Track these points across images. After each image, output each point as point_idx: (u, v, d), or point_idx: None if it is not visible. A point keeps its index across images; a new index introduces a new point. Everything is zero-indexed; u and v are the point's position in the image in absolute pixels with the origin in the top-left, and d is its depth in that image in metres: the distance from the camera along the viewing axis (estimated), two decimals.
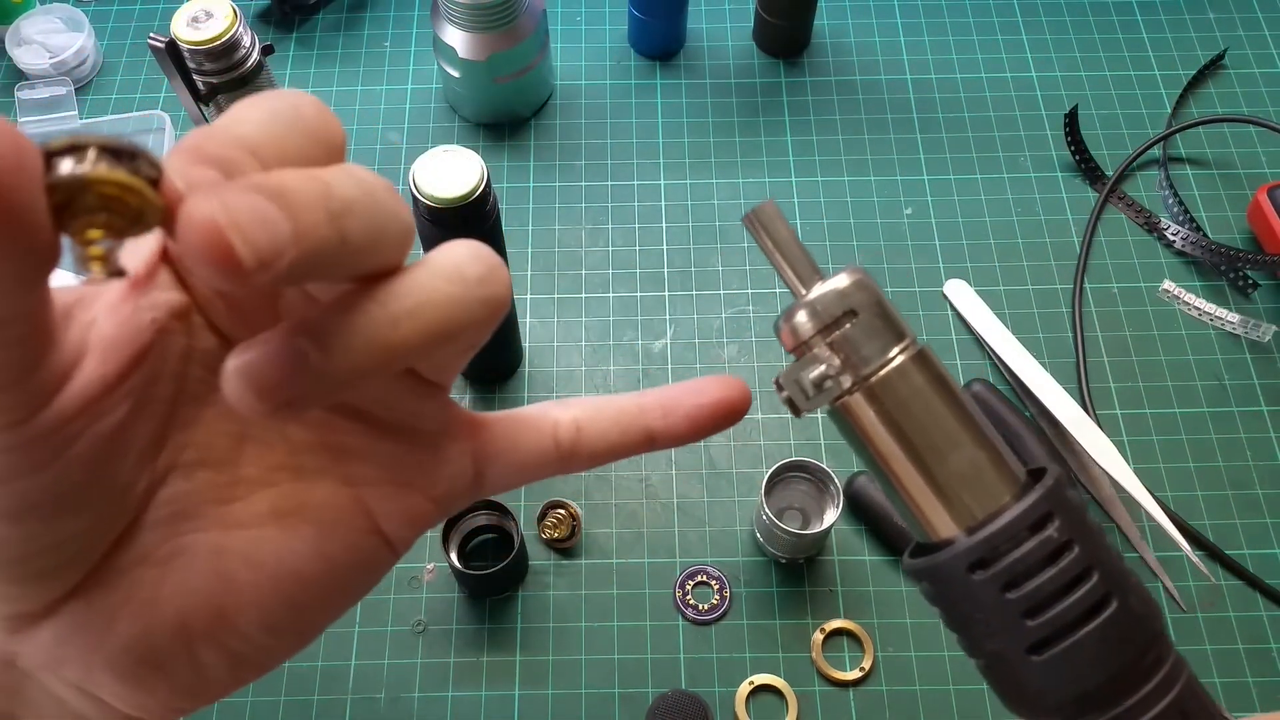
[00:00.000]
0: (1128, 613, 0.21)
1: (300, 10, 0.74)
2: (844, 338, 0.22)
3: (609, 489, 0.58)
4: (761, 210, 0.23)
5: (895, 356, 0.22)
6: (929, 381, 0.22)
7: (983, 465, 0.22)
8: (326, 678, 0.53)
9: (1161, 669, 0.21)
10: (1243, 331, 0.62)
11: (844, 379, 0.22)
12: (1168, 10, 0.76)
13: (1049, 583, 0.21)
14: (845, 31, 0.75)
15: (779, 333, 0.23)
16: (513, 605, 0.55)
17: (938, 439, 0.22)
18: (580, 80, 0.73)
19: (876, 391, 0.22)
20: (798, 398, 0.22)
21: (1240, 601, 0.55)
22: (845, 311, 0.22)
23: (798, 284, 0.23)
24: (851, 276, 0.22)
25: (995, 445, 0.22)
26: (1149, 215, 0.66)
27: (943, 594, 0.22)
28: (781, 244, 0.23)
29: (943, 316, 0.63)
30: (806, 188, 0.68)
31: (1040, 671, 0.21)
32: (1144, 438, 0.59)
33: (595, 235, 0.66)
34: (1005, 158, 0.69)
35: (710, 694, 0.52)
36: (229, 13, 0.56)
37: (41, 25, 0.71)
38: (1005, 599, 0.21)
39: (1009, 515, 0.21)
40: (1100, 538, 0.22)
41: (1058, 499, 0.21)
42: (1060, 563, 0.21)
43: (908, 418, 0.22)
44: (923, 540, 0.23)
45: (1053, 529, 0.21)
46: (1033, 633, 0.21)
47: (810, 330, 0.22)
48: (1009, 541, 0.21)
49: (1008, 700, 0.22)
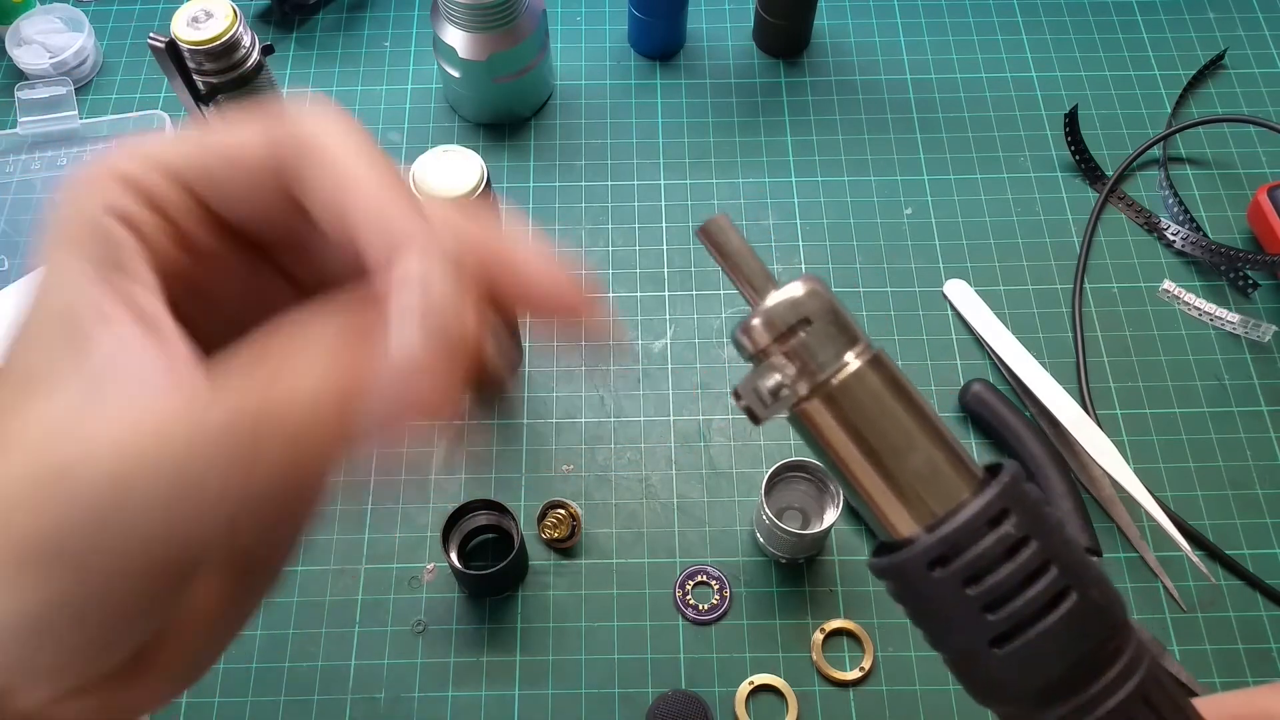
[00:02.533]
0: (1088, 604, 0.21)
1: (300, 10, 0.74)
2: (799, 345, 0.22)
3: (609, 489, 0.58)
4: (713, 223, 0.24)
5: (850, 362, 0.22)
6: (884, 384, 0.22)
7: (940, 464, 0.22)
8: (326, 677, 0.53)
9: (1123, 657, 0.22)
10: (1243, 331, 0.62)
11: (800, 386, 0.22)
12: (1168, 10, 0.76)
13: (1008, 577, 0.21)
14: (845, 32, 0.75)
15: (736, 343, 0.23)
16: (513, 605, 0.55)
17: (895, 440, 0.22)
18: (580, 80, 0.73)
19: (833, 396, 0.22)
20: (756, 407, 0.22)
21: (1240, 601, 0.55)
22: (799, 319, 0.22)
23: (753, 294, 0.23)
24: (805, 285, 0.23)
25: (951, 444, 0.23)
26: (1149, 215, 0.66)
27: (905, 592, 0.22)
28: (734, 255, 0.24)
29: (943, 316, 0.63)
30: (806, 188, 0.68)
31: (1003, 664, 0.21)
32: (1144, 438, 0.59)
33: (595, 235, 0.66)
34: (1005, 158, 0.69)
35: (710, 694, 0.52)
36: (229, 13, 0.56)
37: (41, 25, 0.71)
38: (966, 594, 0.21)
39: (966, 513, 0.21)
40: (1058, 531, 0.22)
41: (1014, 495, 0.22)
42: (1018, 557, 0.21)
43: (864, 421, 0.22)
44: (885, 540, 0.23)
45: (1009, 524, 0.21)
46: (994, 626, 0.21)
47: (766, 339, 0.23)
48: (967, 538, 0.21)
49: (973, 692, 0.23)
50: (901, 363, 0.61)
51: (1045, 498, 0.23)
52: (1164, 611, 0.54)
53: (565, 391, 0.61)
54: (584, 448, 0.59)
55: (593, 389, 0.61)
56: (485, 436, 0.59)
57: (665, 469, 0.58)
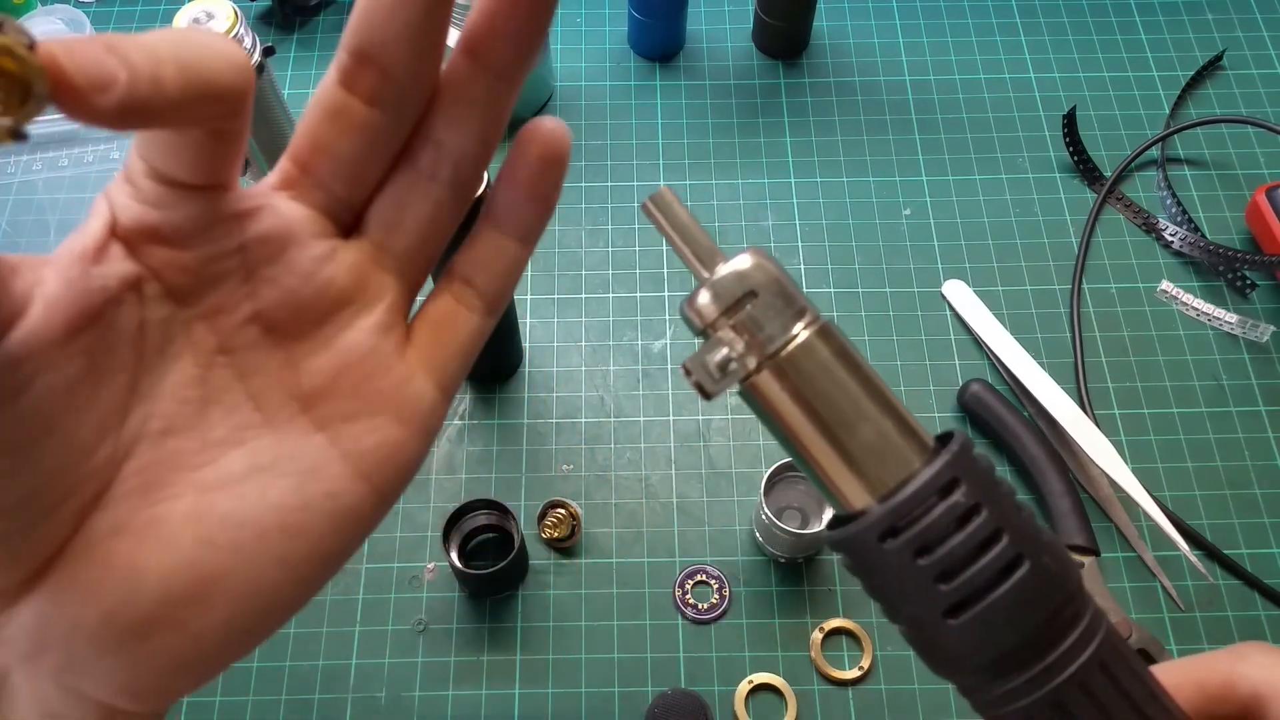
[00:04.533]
0: (1041, 571, 0.21)
1: (301, 11, 0.75)
2: (746, 318, 0.22)
3: (609, 489, 0.58)
4: (658, 196, 0.24)
5: (798, 333, 0.22)
6: (833, 355, 0.22)
7: (890, 434, 0.22)
8: (327, 676, 0.53)
9: (1079, 626, 0.22)
10: (1241, 332, 0.62)
11: (749, 359, 0.22)
12: (1166, 11, 0.76)
13: (959, 547, 0.21)
14: (844, 33, 0.75)
15: (684, 317, 0.23)
16: (513, 605, 0.55)
17: (845, 411, 0.22)
18: (580, 81, 0.73)
19: (782, 368, 0.22)
20: (705, 381, 0.22)
21: (1238, 601, 0.55)
22: (746, 292, 0.22)
23: (699, 267, 0.23)
24: (751, 257, 0.23)
25: (902, 414, 0.22)
26: (1147, 216, 0.67)
27: (859, 564, 0.22)
28: (680, 228, 0.24)
29: (941, 317, 0.63)
30: (805, 189, 0.68)
31: (957, 634, 0.21)
32: (1142, 438, 0.59)
33: (595, 235, 0.66)
34: (1004, 159, 0.69)
35: (710, 693, 0.52)
36: (230, 14, 0.57)
37: (43, 26, 0.72)
38: (918, 565, 0.21)
39: (915, 483, 0.21)
40: (1009, 499, 0.22)
41: (964, 464, 0.22)
42: (969, 526, 0.21)
43: (814, 392, 0.22)
44: (839, 512, 0.23)
45: (960, 494, 0.21)
46: (947, 597, 0.21)
47: (713, 313, 0.23)
48: (917, 508, 0.21)
49: (929, 664, 0.23)
50: (900, 363, 0.62)
51: (993, 465, 0.23)
52: (1162, 611, 0.54)
53: (565, 391, 0.61)
54: (584, 448, 0.59)
55: (593, 389, 0.61)
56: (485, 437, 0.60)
57: (665, 469, 0.58)
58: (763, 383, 0.22)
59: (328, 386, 0.23)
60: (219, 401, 0.23)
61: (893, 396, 0.23)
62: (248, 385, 0.23)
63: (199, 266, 0.22)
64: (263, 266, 0.23)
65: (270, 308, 0.23)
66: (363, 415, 0.23)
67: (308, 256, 0.23)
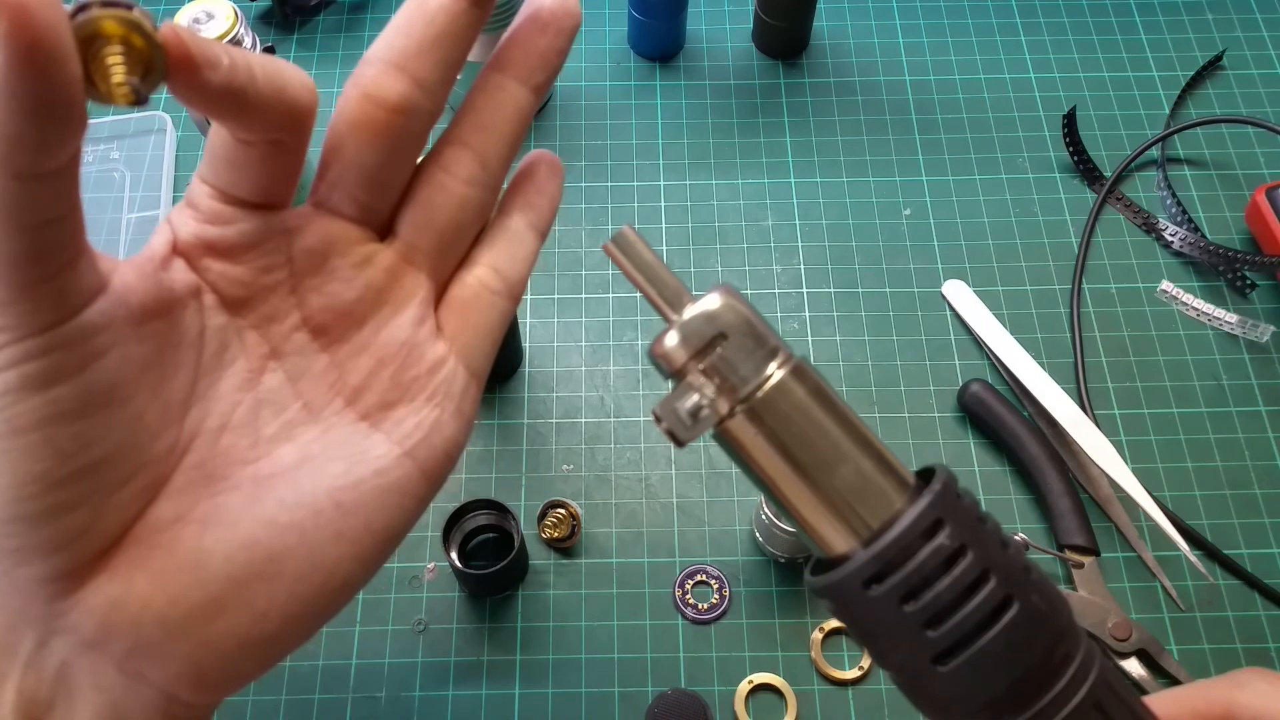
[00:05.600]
0: (1031, 611, 0.21)
1: (301, 11, 0.75)
2: (717, 360, 0.21)
3: (609, 489, 0.58)
4: (620, 237, 0.23)
5: (771, 374, 0.21)
6: (808, 394, 0.21)
7: (870, 474, 0.21)
8: (327, 676, 0.53)
9: (1071, 665, 0.21)
10: (1241, 332, 0.62)
11: (721, 404, 0.21)
12: (1166, 11, 0.76)
13: (946, 591, 0.20)
14: (844, 33, 0.75)
15: (653, 361, 0.23)
16: (513, 605, 0.55)
17: (823, 452, 0.21)
18: (580, 81, 0.73)
19: (756, 411, 0.21)
20: (678, 429, 0.21)
21: (1238, 601, 0.55)
22: (716, 334, 0.22)
23: (666, 309, 0.23)
24: (720, 297, 0.22)
25: (881, 451, 0.22)
26: (1147, 216, 0.67)
27: (844, 611, 0.22)
28: (645, 268, 0.23)
29: (941, 317, 0.63)
30: (805, 189, 0.68)
31: (947, 681, 0.20)
32: (1142, 438, 0.59)
33: (595, 236, 0.66)
34: (1004, 159, 0.69)
35: (710, 693, 0.52)
36: (230, 14, 0.57)
37: None
38: (904, 612, 0.20)
39: (899, 526, 0.20)
40: (995, 536, 0.21)
41: (948, 504, 0.21)
42: (955, 569, 0.20)
43: (790, 434, 0.21)
44: (821, 556, 0.22)
45: (945, 535, 0.20)
46: (935, 643, 0.20)
47: (683, 356, 0.22)
48: (901, 553, 0.20)
49: (921, 709, 0.22)
50: (900, 363, 0.62)
51: (977, 502, 0.22)
52: (1162, 611, 0.54)
53: (565, 391, 0.61)
54: (584, 448, 0.59)
55: (593, 389, 0.61)
56: (485, 437, 0.60)
57: (665, 469, 0.58)
58: (737, 427, 0.21)
59: (368, 380, 0.25)
60: (271, 402, 0.25)
61: (870, 434, 0.22)
62: (296, 386, 0.25)
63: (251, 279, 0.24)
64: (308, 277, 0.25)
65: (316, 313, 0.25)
66: (402, 401, 0.25)
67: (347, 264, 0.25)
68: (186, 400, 0.23)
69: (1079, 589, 0.53)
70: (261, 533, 0.23)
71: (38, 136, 0.17)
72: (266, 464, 0.24)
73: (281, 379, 0.25)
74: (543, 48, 0.26)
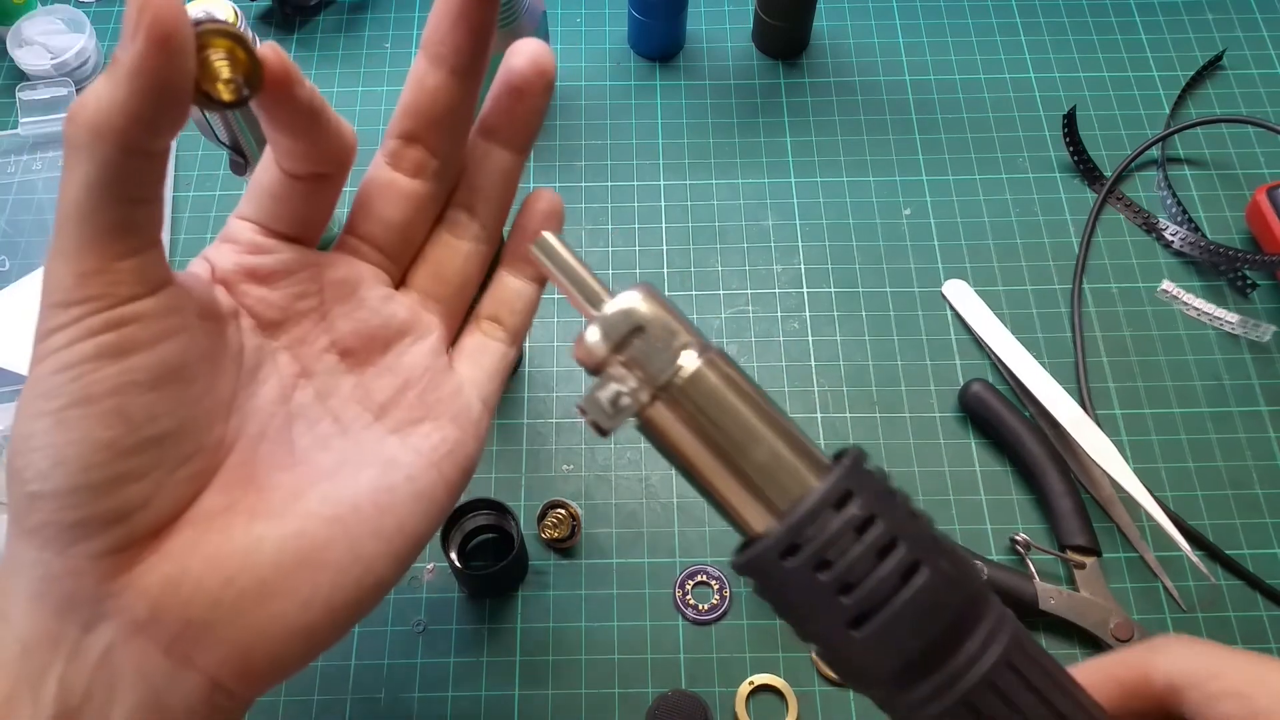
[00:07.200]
0: (940, 576, 0.21)
1: (301, 11, 0.75)
2: (636, 353, 0.23)
3: (609, 489, 0.58)
4: (541, 241, 0.25)
5: (687, 363, 0.23)
6: (722, 381, 0.23)
7: (784, 455, 0.22)
8: (326, 677, 0.53)
9: (983, 626, 0.22)
10: (1242, 332, 0.62)
11: (641, 393, 0.23)
12: (1166, 11, 0.76)
13: (857, 558, 0.21)
14: (844, 33, 0.75)
15: (577, 359, 0.24)
16: (513, 605, 0.55)
17: (738, 436, 0.22)
18: (580, 81, 0.73)
19: (674, 398, 0.22)
20: (600, 419, 0.23)
21: (1240, 601, 0.55)
22: (634, 328, 0.23)
23: (586, 307, 0.24)
24: (636, 293, 0.23)
25: (795, 434, 0.23)
26: (1147, 216, 0.67)
27: (765, 586, 0.22)
28: (566, 270, 0.25)
29: (942, 317, 0.63)
30: (806, 188, 0.68)
31: (863, 646, 0.21)
32: (1143, 438, 0.59)
33: (595, 235, 0.66)
34: (1004, 159, 0.69)
35: (710, 694, 0.52)
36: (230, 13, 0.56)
37: (43, 26, 0.72)
38: (819, 580, 0.21)
39: (810, 499, 0.21)
40: (905, 507, 0.22)
41: (857, 476, 0.22)
42: (866, 537, 0.21)
43: (707, 420, 0.22)
44: (743, 538, 0.23)
45: (855, 505, 0.21)
46: (849, 609, 0.21)
47: (604, 350, 0.23)
48: (814, 524, 0.21)
49: (843, 678, 0.23)
50: (901, 363, 0.61)
51: (888, 476, 0.23)
52: (1164, 611, 0.54)
53: (565, 391, 0.61)
54: (584, 448, 0.59)
55: None
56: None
57: (665, 469, 0.58)
58: (657, 415, 0.23)
59: (395, 399, 0.28)
60: (303, 417, 0.27)
61: (785, 418, 0.23)
62: (327, 403, 0.27)
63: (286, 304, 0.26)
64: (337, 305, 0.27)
65: (344, 337, 0.27)
66: (426, 419, 0.28)
67: (374, 296, 0.28)
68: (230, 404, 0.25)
69: (1081, 589, 0.53)
70: (308, 523, 0.24)
71: (153, 115, 0.20)
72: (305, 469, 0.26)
73: (312, 396, 0.27)
74: (520, 114, 0.28)
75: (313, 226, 0.27)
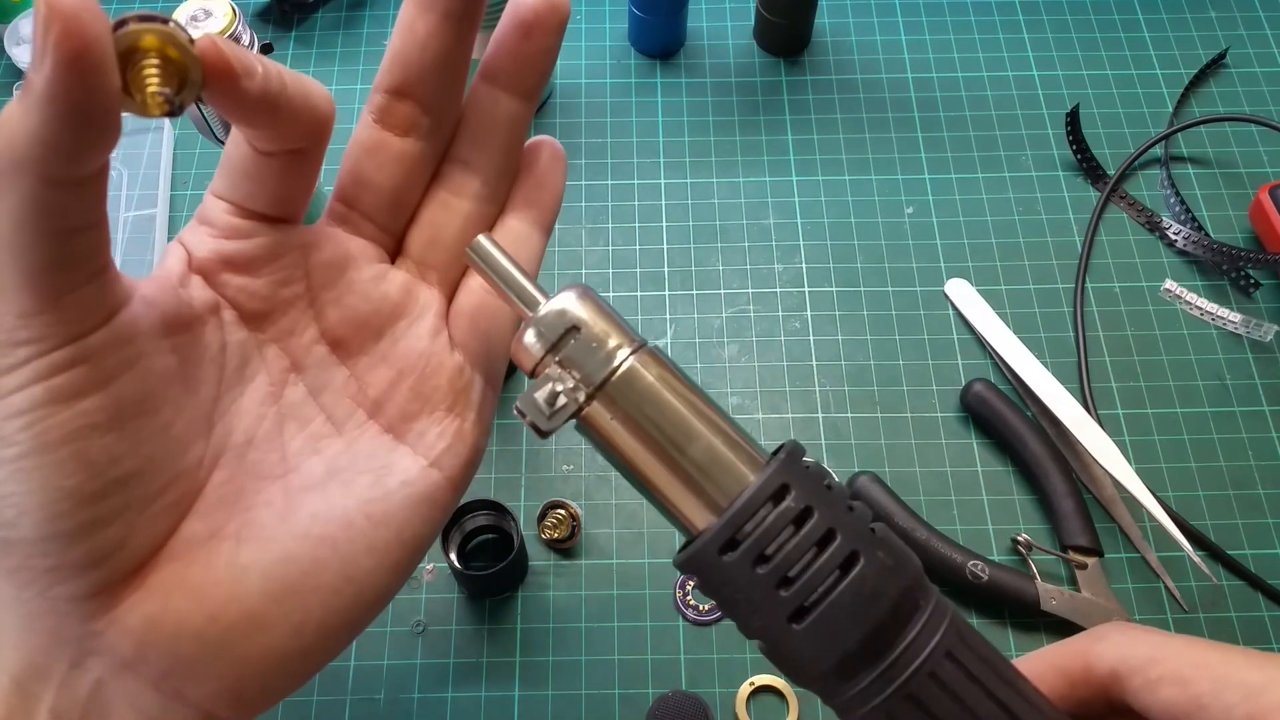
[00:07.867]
0: (877, 566, 0.21)
1: (300, 9, 0.74)
2: (571, 353, 0.23)
3: (609, 489, 0.58)
4: (476, 244, 0.24)
5: (622, 361, 0.23)
6: (657, 379, 0.23)
7: (721, 452, 0.22)
8: (325, 678, 0.53)
9: (921, 617, 0.22)
10: (1245, 331, 0.62)
11: (578, 393, 0.23)
12: (1169, 9, 0.75)
13: (795, 551, 0.21)
14: (846, 30, 0.75)
15: (514, 359, 0.24)
16: (512, 606, 0.55)
17: (674, 433, 0.22)
18: (580, 79, 0.72)
19: (610, 397, 0.22)
20: (538, 419, 0.23)
21: (1242, 602, 0.54)
22: (569, 328, 0.23)
23: (522, 308, 0.24)
24: (571, 293, 0.23)
25: (730, 431, 0.23)
26: (1151, 214, 0.66)
27: (707, 582, 0.22)
28: (501, 273, 0.24)
29: (944, 316, 0.63)
30: (807, 187, 0.68)
31: (802, 639, 0.21)
32: (1146, 437, 0.59)
33: (595, 235, 0.66)
34: (1007, 157, 0.69)
35: (711, 695, 0.52)
36: (228, 11, 0.56)
37: None
38: (757, 574, 0.21)
39: (747, 493, 0.22)
40: (841, 501, 0.22)
41: (793, 470, 0.22)
42: (802, 529, 0.21)
43: (643, 417, 0.22)
44: (685, 536, 0.23)
45: (791, 499, 0.21)
46: (788, 602, 0.21)
47: (540, 350, 0.23)
48: (751, 518, 0.21)
49: (786, 675, 0.23)
50: (902, 362, 0.61)
51: (826, 470, 0.23)
52: (1166, 612, 0.54)
53: None
54: (584, 448, 0.59)
55: None
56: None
57: None
58: (594, 414, 0.23)
59: (389, 392, 0.26)
60: (294, 416, 0.25)
61: (722, 415, 0.23)
62: (319, 400, 0.26)
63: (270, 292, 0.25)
64: (325, 291, 0.25)
65: (334, 326, 0.26)
66: (423, 412, 0.26)
67: (364, 278, 0.26)
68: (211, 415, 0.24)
69: (1082, 590, 0.53)
70: (296, 547, 0.23)
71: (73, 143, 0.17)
72: (295, 478, 0.24)
73: (303, 393, 0.25)
74: (529, 53, 0.25)
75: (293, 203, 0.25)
